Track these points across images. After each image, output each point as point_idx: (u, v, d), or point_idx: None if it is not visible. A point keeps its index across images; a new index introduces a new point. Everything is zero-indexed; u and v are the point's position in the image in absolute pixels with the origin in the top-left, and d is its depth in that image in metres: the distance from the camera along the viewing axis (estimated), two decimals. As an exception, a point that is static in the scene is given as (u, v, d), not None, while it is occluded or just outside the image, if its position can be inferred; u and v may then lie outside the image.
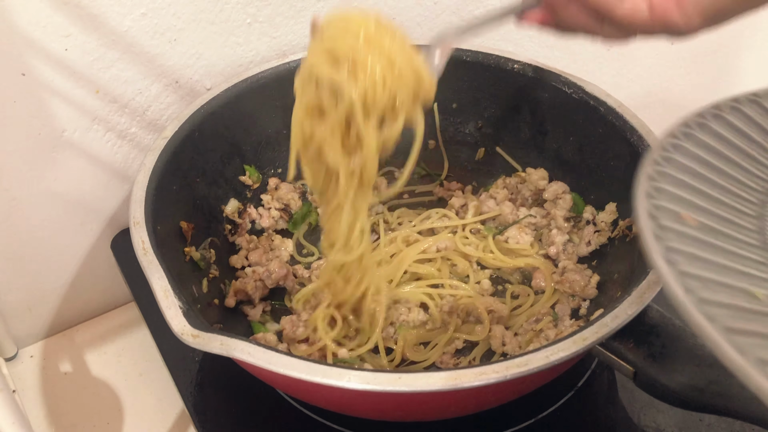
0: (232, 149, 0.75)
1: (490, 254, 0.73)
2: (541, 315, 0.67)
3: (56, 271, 0.75)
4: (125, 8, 0.65)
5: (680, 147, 0.40)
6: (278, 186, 0.79)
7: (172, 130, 0.67)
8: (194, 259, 0.66)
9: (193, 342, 0.49)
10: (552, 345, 0.48)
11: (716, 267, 0.33)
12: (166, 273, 0.53)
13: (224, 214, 0.74)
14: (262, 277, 0.69)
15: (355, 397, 0.50)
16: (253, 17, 0.75)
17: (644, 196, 0.36)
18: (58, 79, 0.64)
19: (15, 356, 0.75)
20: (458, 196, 0.80)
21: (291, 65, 0.76)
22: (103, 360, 0.75)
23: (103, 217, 0.76)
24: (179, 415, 0.68)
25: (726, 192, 0.39)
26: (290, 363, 0.47)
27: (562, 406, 0.62)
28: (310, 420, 0.61)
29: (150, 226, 0.58)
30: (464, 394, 0.48)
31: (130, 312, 0.80)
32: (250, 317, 0.69)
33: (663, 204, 0.36)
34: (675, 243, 0.34)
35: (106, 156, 0.72)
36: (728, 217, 0.37)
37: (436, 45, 0.58)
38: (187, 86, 0.74)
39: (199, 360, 0.66)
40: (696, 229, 0.35)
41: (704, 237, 0.35)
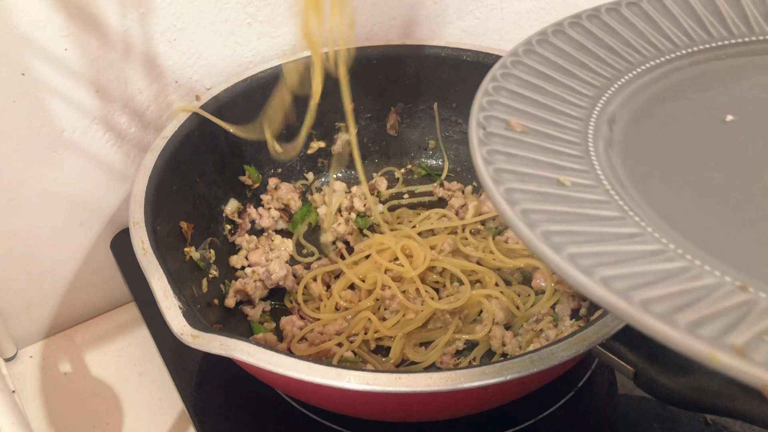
0: (232, 149, 0.75)
1: (490, 254, 0.73)
2: (541, 315, 0.67)
3: (56, 271, 0.75)
4: (125, 8, 0.65)
5: (519, 63, 0.44)
6: (278, 186, 0.79)
7: (172, 130, 0.67)
8: (194, 259, 0.66)
9: (192, 342, 0.49)
10: (552, 345, 0.48)
11: (530, 162, 0.37)
12: (166, 273, 0.53)
13: (224, 214, 0.74)
14: (262, 277, 0.69)
15: (355, 397, 0.50)
16: (253, 17, 0.74)
17: (477, 109, 0.40)
18: (57, 78, 0.64)
19: (14, 356, 0.75)
20: (458, 197, 0.80)
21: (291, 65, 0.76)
22: (103, 360, 0.74)
23: (102, 217, 0.76)
24: (179, 415, 0.68)
25: (557, 99, 0.42)
26: (290, 363, 0.47)
27: (562, 406, 0.62)
28: (310, 420, 0.61)
29: (150, 226, 0.58)
30: (464, 395, 0.48)
31: (129, 312, 0.80)
32: (250, 317, 0.69)
33: (493, 114, 0.40)
34: (497, 146, 0.38)
35: (105, 156, 0.72)
36: (555, 121, 0.41)
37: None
38: (186, 86, 0.74)
39: (199, 360, 0.66)
40: (520, 133, 0.39)
41: (526, 139, 0.39)
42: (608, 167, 0.39)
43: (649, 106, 0.44)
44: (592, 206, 0.35)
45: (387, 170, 0.85)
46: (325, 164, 0.84)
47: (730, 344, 0.25)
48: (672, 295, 0.29)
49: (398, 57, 0.79)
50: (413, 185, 0.84)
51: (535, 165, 0.37)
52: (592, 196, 0.36)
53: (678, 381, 0.48)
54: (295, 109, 0.79)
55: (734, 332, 0.26)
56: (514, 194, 0.34)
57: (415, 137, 0.85)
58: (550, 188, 0.36)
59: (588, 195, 0.36)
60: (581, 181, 0.37)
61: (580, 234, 0.33)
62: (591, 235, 0.33)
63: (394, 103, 0.83)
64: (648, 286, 0.29)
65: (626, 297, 0.28)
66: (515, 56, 0.44)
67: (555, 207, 0.34)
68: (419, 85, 0.82)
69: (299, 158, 0.82)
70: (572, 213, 0.34)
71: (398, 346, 0.65)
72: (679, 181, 0.39)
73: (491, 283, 0.70)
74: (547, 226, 0.32)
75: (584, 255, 0.31)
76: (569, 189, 0.36)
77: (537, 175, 0.37)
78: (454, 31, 0.90)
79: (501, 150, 0.38)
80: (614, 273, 0.30)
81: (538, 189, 0.35)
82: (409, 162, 0.86)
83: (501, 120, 0.40)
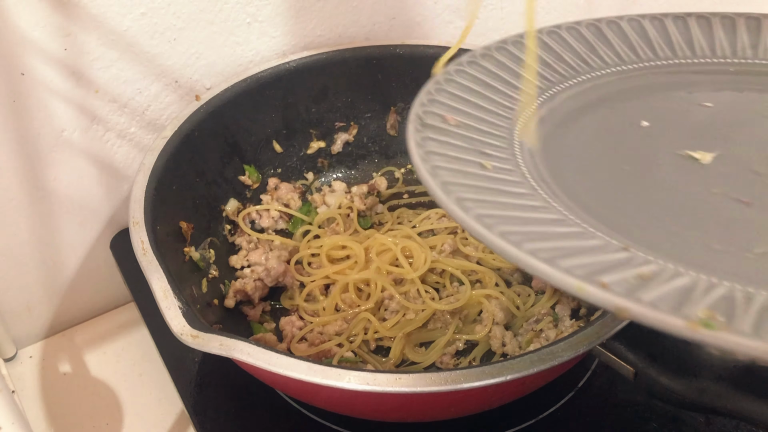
0: (232, 149, 0.75)
1: (490, 254, 0.73)
2: (541, 315, 0.67)
3: (56, 271, 0.75)
4: (125, 8, 0.65)
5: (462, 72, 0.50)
6: (278, 186, 0.79)
7: (172, 130, 0.67)
8: (194, 259, 0.66)
9: (192, 342, 0.49)
10: (552, 345, 0.48)
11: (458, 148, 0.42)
12: (166, 273, 0.53)
13: (224, 214, 0.74)
14: (261, 276, 0.69)
15: (355, 397, 0.50)
16: (253, 17, 0.74)
17: (418, 105, 0.46)
18: (57, 78, 0.64)
19: (14, 356, 0.75)
20: (458, 196, 0.80)
21: (291, 65, 0.76)
22: (103, 360, 0.74)
23: (102, 217, 0.75)
24: (179, 416, 0.68)
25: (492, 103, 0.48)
26: (290, 363, 0.47)
27: (562, 406, 0.62)
28: (310, 420, 0.61)
29: (149, 226, 0.58)
30: (464, 395, 0.48)
31: (129, 312, 0.80)
32: (249, 317, 0.68)
33: (432, 110, 0.45)
34: (431, 134, 0.43)
35: (105, 156, 0.72)
36: (487, 119, 0.46)
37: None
38: (186, 86, 0.74)
39: (199, 360, 0.66)
40: (454, 126, 0.44)
41: (459, 131, 0.44)
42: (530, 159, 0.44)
43: (575, 113, 0.50)
44: (509, 185, 0.40)
45: (387, 170, 0.85)
46: (325, 164, 0.84)
47: (597, 281, 0.30)
48: (560, 248, 0.34)
49: (398, 57, 0.79)
50: (413, 185, 0.84)
51: (462, 151, 0.42)
52: (510, 178, 0.41)
53: (678, 381, 0.48)
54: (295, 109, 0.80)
55: (604, 274, 0.31)
56: (438, 171, 0.39)
57: (415, 137, 0.85)
58: (472, 169, 0.41)
59: (506, 177, 0.41)
60: (502, 166, 0.42)
61: (491, 203, 0.37)
62: (501, 205, 0.38)
63: (394, 103, 0.83)
64: (540, 240, 0.34)
65: (517, 245, 0.33)
66: (459, 66, 0.50)
67: (473, 182, 0.39)
68: (419, 85, 0.81)
69: (299, 158, 0.82)
70: (488, 188, 0.39)
71: (398, 347, 0.65)
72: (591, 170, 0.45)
73: (491, 283, 0.70)
74: (462, 194, 0.37)
75: (489, 216, 0.35)
76: (490, 171, 0.41)
77: (462, 158, 0.42)
78: (454, 31, 0.90)
79: (433, 137, 0.43)
80: (512, 229, 0.34)
81: (461, 168, 0.40)
82: (409, 162, 0.85)
83: (437, 115, 0.45)
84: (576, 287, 0.30)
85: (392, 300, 0.68)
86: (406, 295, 0.69)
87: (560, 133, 0.48)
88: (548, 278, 0.31)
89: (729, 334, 0.27)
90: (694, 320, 0.27)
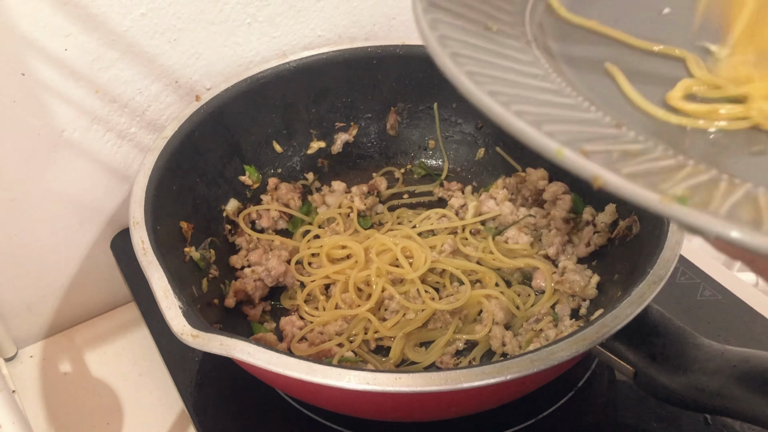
0: (232, 149, 0.75)
1: (490, 254, 0.73)
2: (541, 315, 0.67)
3: (56, 271, 0.75)
4: (125, 8, 0.65)
5: None
6: (278, 186, 0.79)
7: (172, 130, 0.67)
8: (194, 259, 0.66)
9: (192, 342, 0.49)
10: (552, 345, 0.48)
11: (466, 6, 0.40)
12: (166, 273, 0.53)
13: (224, 214, 0.74)
14: (262, 276, 0.69)
15: (355, 397, 0.50)
16: (253, 17, 0.74)
17: None
18: (57, 79, 0.64)
19: (15, 356, 0.75)
20: (458, 197, 0.80)
21: (291, 65, 0.76)
22: (103, 360, 0.75)
23: (102, 217, 0.76)
24: (179, 415, 0.68)
25: None
26: (290, 363, 0.47)
27: (562, 406, 0.62)
28: (310, 420, 0.61)
29: (150, 226, 0.58)
30: (464, 395, 0.48)
31: (129, 312, 0.80)
32: (250, 317, 0.69)
33: None
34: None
35: (105, 156, 0.72)
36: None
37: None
38: (186, 86, 0.74)
39: (199, 360, 0.66)
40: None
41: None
42: (539, 28, 0.42)
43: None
44: (510, 50, 0.38)
45: (387, 170, 0.85)
46: (325, 164, 0.84)
47: (578, 148, 0.29)
48: (549, 115, 0.33)
49: (398, 57, 0.79)
50: (413, 185, 0.84)
51: (469, 8, 0.40)
52: (514, 43, 0.39)
53: (678, 381, 0.48)
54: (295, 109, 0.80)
55: (587, 143, 0.30)
56: (438, 24, 0.37)
57: (415, 137, 0.85)
58: (474, 28, 0.38)
59: (510, 41, 0.39)
60: (508, 30, 0.40)
61: (486, 63, 0.35)
62: (497, 67, 0.36)
63: (394, 103, 0.83)
64: (530, 105, 0.33)
65: (505, 105, 0.31)
66: None
67: (473, 41, 0.37)
68: (419, 85, 0.82)
69: (299, 158, 0.82)
70: (488, 49, 0.37)
71: (398, 346, 0.65)
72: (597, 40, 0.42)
73: (491, 283, 0.70)
74: (459, 49, 0.35)
75: (482, 75, 0.33)
76: (494, 33, 0.39)
77: (468, 16, 0.39)
78: (454, 31, 0.90)
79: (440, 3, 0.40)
80: (503, 90, 0.33)
81: (464, 26, 0.38)
82: (409, 162, 0.86)
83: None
84: (555, 151, 0.28)
85: (392, 300, 0.68)
86: (406, 295, 0.69)
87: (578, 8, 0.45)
88: (528, 140, 0.29)
89: (701, 213, 0.26)
90: (669, 195, 0.26)
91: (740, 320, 0.70)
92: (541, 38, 0.41)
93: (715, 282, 0.74)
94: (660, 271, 0.53)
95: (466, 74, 0.33)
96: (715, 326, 0.69)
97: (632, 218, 0.66)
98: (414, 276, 0.69)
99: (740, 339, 0.68)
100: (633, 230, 0.65)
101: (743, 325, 0.69)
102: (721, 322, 0.70)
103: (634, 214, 0.66)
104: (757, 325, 0.69)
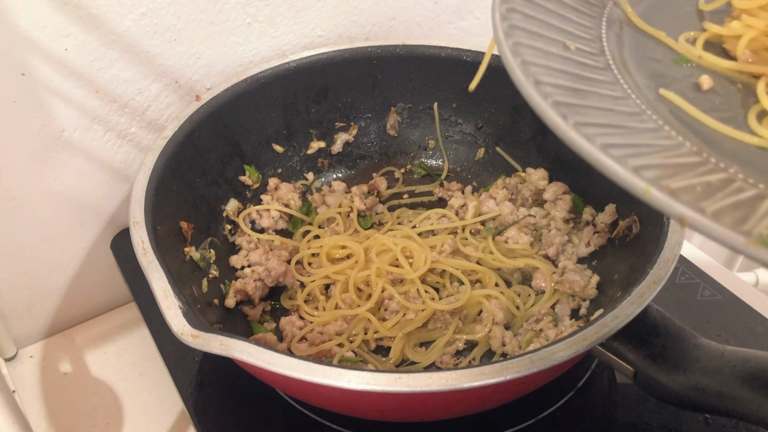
0: (232, 149, 0.75)
1: (490, 254, 0.73)
2: (541, 315, 0.67)
3: (56, 271, 0.75)
4: (125, 8, 0.65)
5: None
6: (278, 186, 0.79)
7: (172, 130, 0.67)
8: (194, 259, 0.66)
9: (192, 342, 0.49)
10: (552, 345, 0.48)
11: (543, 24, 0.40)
12: (166, 273, 0.53)
13: (224, 214, 0.74)
14: (262, 276, 0.69)
15: (355, 397, 0.50)
16: (253, 17, 0.74)
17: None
18: (58, 78, 0.64)
19: (15, 356, 0.75)
20: (458, 197, 0.80)
21: (291, 65, 0.76)
22: (103, 360, 0.75)
23: (103, 217, 0.76)
24: (179, 415, 0.68)
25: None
26: (290, 363, 0.47)
27: (562, 406, 0.62)
28: (310, 420, 0.61)
29: (150, 226, 0.58)
30: (464, 395, 0.48)
31: (130, 312, 0.80)
32: (250, 317, 0.69)
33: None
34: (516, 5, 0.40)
35: (106, 156, 0.72)
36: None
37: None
38: (186, 86, 0.74)
39: (199, 360, 0.66)
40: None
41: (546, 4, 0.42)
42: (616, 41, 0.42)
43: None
44: (589, 71, 0.39)
45: (387, 170, 0.85)
46: (325, 164, 0.84)
47: (665, 186, 0.30)
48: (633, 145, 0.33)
49: (398, 57, 0.79)
50: (413, 185, 0.84)
51: (547, 27, 0.40)
52: (592, 63, 0.39)
53: (678, 381, 0.48)
54: (295, 109, 0.80)
55: (672, 179, 0.31)
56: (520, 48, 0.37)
57: (415, 137, 0.85)
58: (555, 49, 0.39)
59: (588, 61, 0.39)
60: (586, 48, 0.40)
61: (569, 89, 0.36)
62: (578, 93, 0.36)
63: (394, 103, 0.83)
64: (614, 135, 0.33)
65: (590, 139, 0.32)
66: None
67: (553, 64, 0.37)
68: (419, 85, 0.82)
69: (299, 158, 0.82)
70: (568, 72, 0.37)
71: (398, 346, 0.65)
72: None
73: (491, 283, 0.70)
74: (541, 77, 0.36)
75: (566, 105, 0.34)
76: (573, 53, 0.39)
77: (546, 36, 0.39)
78: (454, 31, 0.90)
79: (519, 9, 0.40)
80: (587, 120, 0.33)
81: (543, 47, 0.38)
82: (409, 162, 0.86)
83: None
84: (643, 190, 0.29)
85: (392, 300, 0.68)
86: (406, 295, 0.69)
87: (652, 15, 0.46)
88: (617, 178, 0.30)
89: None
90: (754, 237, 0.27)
91: (740, 320, 0.70)
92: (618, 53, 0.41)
93: (715, 282, 0.74)
94: (660, 271, 0.53)
95: (552, 106, 0.34)
96: (715, 326, 0.69)
97: (632, 218, 0.66)
98: (414, 276, 0.69)
99: (740, 339, 0.68)
100: (633, 230, 0.65)
101: (743, 325, 0.69)
102: (721, 322, 0.70)
103: (633, 214, 0.66)
104: (757, 325, 0.69)
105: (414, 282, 0.69)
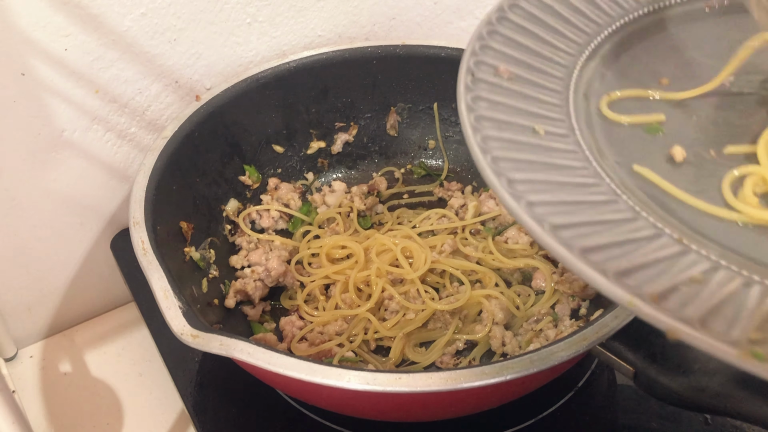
0: (232, 149, 0.75)
1: (490, 255, 0.73)
2: (541, 315, 0.67)
3: (56, 271, 0.75)
4: (125, 8, 0.65)
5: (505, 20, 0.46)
6: (278, 186, 0.79)
7: (172, 130, 0.67)
8: (194, 259, 0.66)
9: (192, 342, 0.49)
10: (552, 345, 0.48)
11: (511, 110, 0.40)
12: (166, 273, 0.54)
13: (224, 214, 0.74)
14: (262, 276, 0.69)
15: (355, 397, 0.50)
16: (253, 17, 0.74)
17: (469, 54, 0.42)
18: (57, 79, 0.64)
19: (15, 356, 0.75)
20: (458, 197, 0.80)
21: (291, 65, 0.76)
22: (103, 360, 0.75)
23: (103, 217, 0.76)
24: (179, 415, 0.68)
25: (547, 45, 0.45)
26: (290, 363, 0.47)
27: (562, 406, 0.62)
28: (310, 420, 0.61)
29: (150, 226, 0.58)
30: (464, 395, 0.48)
31: (129, 312, 0.80)
32: (250, 317, 0.69)
33: (483, 59, 0.42)
34: (482, 92, 0.40)
35: (105, 156, 0.72)
36: (541, 67, 0.43)
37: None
38: (186, 86, 0.74)
39: (199, 360, 0.66)
40: (507, 80, 0.41)
41: (511, 86, 0.41)
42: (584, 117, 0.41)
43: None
44: (560, 157, 0.38)
45: (387, 170, 0.85)
46: (325, 164, 0.84)
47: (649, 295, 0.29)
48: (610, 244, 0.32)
49: (398, 57, 0.79)
50: (413, 185, 0.84)
51: (514, 113, 0.40)
52: (563, 146, 0.39)
53: (678, 381, 0.48)
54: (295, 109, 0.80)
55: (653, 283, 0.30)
56: (489, 142, 0.37)
57: (415, 137, 0.85)
58: (524, 137, 0.38)
59: (559, 144, 0.39)
60: (556, 130, 0.40)
61: (541, 183, 0.36)
62: (551, 186, 0.36)
63: (394, 103, 0.83)
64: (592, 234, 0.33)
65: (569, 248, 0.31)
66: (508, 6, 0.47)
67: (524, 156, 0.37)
68: (419, 85, 0.82)
69: (299, 158, 0.82)
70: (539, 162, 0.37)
71: (398, 346, 0.65)
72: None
73: (491, 284, 0.70)
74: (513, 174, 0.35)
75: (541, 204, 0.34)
76: (542, 138, 0.39)
77: (514, 123, 0.39)
78: (454, 31, 0.90)
79: (485, 97, 0.40)
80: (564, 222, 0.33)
81: (512, 137, 0.38)
82: (409, 162, 0.86)
83: (490, 66, 0.42)
84: (627, 302, 0.29)
85: (392, 300, 0.68)
86: (406, 295, 0.69)
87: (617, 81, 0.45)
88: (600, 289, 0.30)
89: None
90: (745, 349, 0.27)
91: (740, 320, 0.70)
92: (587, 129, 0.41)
93: (715, 282, 0.74)
94: (660, 271, 0.53)
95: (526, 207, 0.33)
96: (715, 326, 0.69)
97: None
98: (414, 276, 0.69)
99: (740, 339, 0.68)
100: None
101: (743, 325, 0.69)
102: (721, 322, 0.69)
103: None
104: (757, 325, 0.69)
105: (414, 282, 0.69)
